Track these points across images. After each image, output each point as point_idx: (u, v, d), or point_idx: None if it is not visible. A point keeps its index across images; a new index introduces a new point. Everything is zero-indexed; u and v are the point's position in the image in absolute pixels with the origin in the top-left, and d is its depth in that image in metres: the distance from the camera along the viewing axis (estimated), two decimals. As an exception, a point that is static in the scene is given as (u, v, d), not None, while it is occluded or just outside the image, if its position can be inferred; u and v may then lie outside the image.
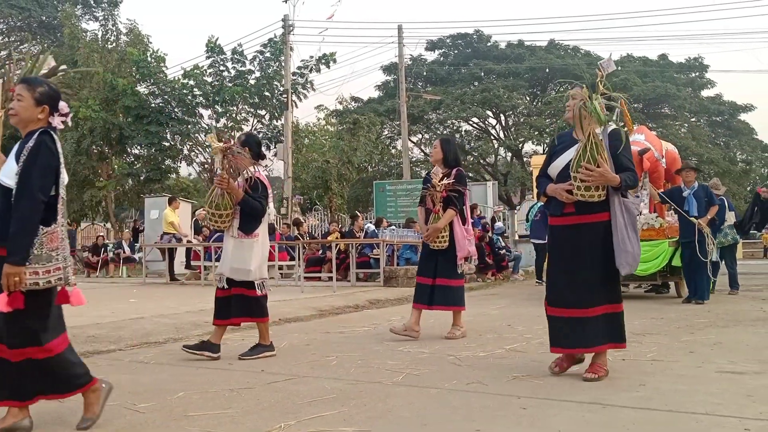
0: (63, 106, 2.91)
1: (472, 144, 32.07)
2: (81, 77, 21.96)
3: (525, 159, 30.34)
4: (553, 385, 3.55)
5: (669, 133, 26.27)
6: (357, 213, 16.25)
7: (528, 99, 30.48)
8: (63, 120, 2.90)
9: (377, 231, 13.16)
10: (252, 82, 23.22)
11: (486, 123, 31.64)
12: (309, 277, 11.94)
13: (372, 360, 4.45)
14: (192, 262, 13.57)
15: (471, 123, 31.25)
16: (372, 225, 14.15)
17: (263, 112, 24.18)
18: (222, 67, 23.13)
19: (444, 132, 30.75)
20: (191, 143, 23.37)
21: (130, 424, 2.99)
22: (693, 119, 31.67)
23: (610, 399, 3.23)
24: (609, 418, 2.93)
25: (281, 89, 22.27)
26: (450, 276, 5.43)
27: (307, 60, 23.48)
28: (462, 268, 5.47)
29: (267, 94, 23.45)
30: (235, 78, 23.03)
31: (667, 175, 9.29)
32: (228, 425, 2.94)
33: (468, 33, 31.45)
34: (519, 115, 30.40)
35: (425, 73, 31.61)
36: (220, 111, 23.09)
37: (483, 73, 30.06)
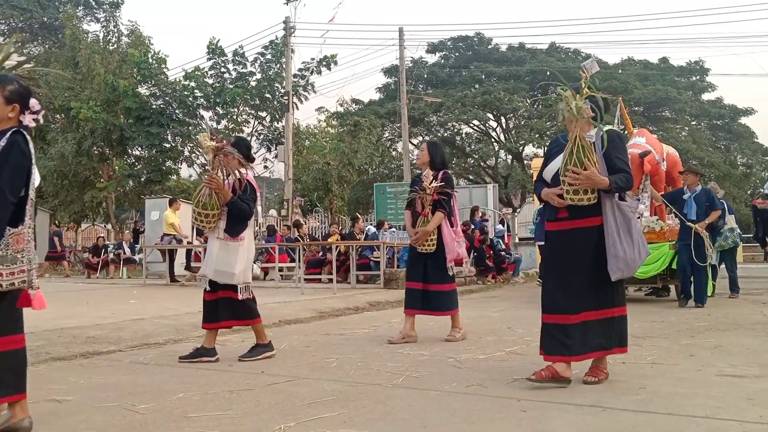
0: (34, 103, 2.86)
1: (472, 146, 32.10)
2: (82, 78, 22.01)
3: (525, 162, 30.33)
4: (553, 388, 3.54)
5: (670, 137, 26.28)
6: (357, 215, 16.28)
7: (528, 102, 30.50)
8: (35, 118, 2.84)
9: (378, 233, 13.16)
10: (253, 83, 23.28)
11: (487, 126, 31.66)
12: (309, 279, 11.94)
13: (372, 362, 4.45)
14: (192, 263, 13.56)
15: (472, 125, 31.27)
16: (372, 227, 14.15)
17: (264, 113, 24.24)
18: (223, 69, 23.21)
19: (445, 135, 30.77)
20: (192, 145, 23.40)
21: (129, 424, 2.99)
22: (693, 122, 31.67)
23: (610, 402, 3.22)
24: (609, 421, 2.93)
25: (282, 91, 22.31)
26: (442, 281, 5.39)
27: (308, 62, 23.60)
28: (452, 270, 5.41)
29: (268, 95, 23.51)
30: (236, 80, 23.08)
31: (668, 178, 9.29)
32: (228, 426, 2.93)
33: (469, 36, 31.51)
34: (519, 118, 30.42)
35: (426, 76, 31.63)
36: (221, 113, 23.14)
37: (484, 76, 30.08)
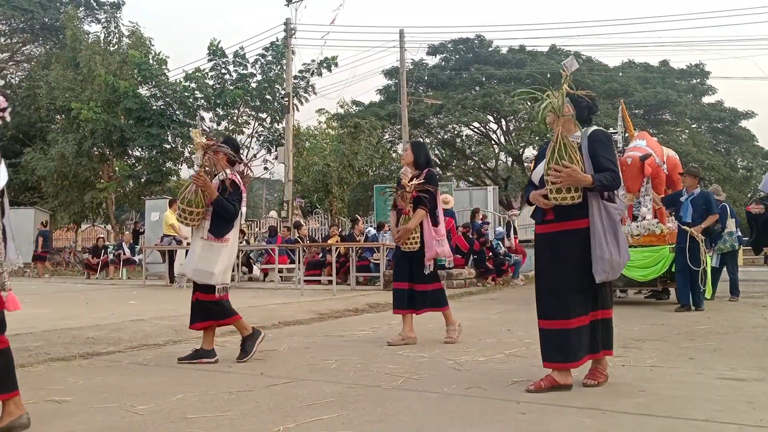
0: (0, 101, 2.81)
1: (473, 149, 32.08)
2: (83, 79, 22.03)
3: (526, 164, 30.28)
4: (553, 390, 3.53)
5: (670, 139, 26.27)
6: (357, 217, 16.26)
7: (529, 104, 30.47)
8: (1, 116, 2.80)
9: (378, 235, 13.16)
10: (253, 85, 23.30)
11: (487, 128, 31.65)
12: (309, 281, 11.93)
13: (371, 364, 4.45)
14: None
15: (472, 128, 31.26)
16: (372, 229, 14.14)
17: (264, 115, 24.26)
18: (224, 70, 23.23)
19: (445, 137, 30.77)
20: (192, 145, 23.40)
21: (128, 425, 2.99)
22: (694, 125, 31.68)
23: (609, 405, 3.21)
24: (608, 424, 2.92)
25: (282, 92, 22.33)
26: (432, 280, 5.37)
27: (309, 63, 23.62)
28: (430, 268, 5.35)
29: (268, 97, 23.53)
30: (237, 81, 23.09)
31: (668, 181, 9.29)
32: (227, 428, 2.93)
33: (469, 38, 31.51)
34: (520, 120, 30.40)
35: (426, 78, 31.64)
36: (221, 114, 23.16)
37: (484, 78, 30.09)
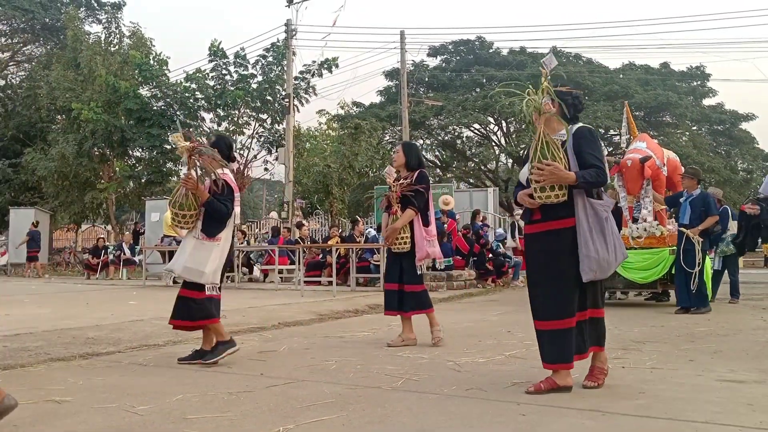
0: None
1: (473, 150, 32.09)
2: (83, 79, 22.04)
3: (526, 165, 30.32)
4: (553, 392, 3.53)
5: (670, 142, 26.26)
6: (357, 218, 16.24)
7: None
8: None
9: (378, 236, 13.15)
10: (254, 86, 23.28)
11: (487, 129, 31.66)
12: (309, 281, 11.94)
13: (371, 365, 4.44)
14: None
15: (472, 129, 31.25)
16: (372, 230, 14.12)
17: (265, 116, 24.24)
18: (224, 71, 23.22)
19: (445, 138, 30.77)
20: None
21: (128, 426, 2.98)
22: (694, 128, 31.67)
23: (609, 406, 3.21)
24: (608, 425, 2.92)
25: (283, 93, 22.34)
26: (418, 282, 5.35)
27: (310, 64, 23.61)
28: (421, 270, 5.33)
29: (269, 98, 23.51)
30: (238, 82, 23.09)
31: (669, 183, 9.29)
32: (226, 428, 2.93)
33: (470, 39, 31.51)
34: (520, 122, 30.43)
35: (427, 79, 31.63)
36: (221, 114, 23.16)
37: (485, 80, 30.07)
